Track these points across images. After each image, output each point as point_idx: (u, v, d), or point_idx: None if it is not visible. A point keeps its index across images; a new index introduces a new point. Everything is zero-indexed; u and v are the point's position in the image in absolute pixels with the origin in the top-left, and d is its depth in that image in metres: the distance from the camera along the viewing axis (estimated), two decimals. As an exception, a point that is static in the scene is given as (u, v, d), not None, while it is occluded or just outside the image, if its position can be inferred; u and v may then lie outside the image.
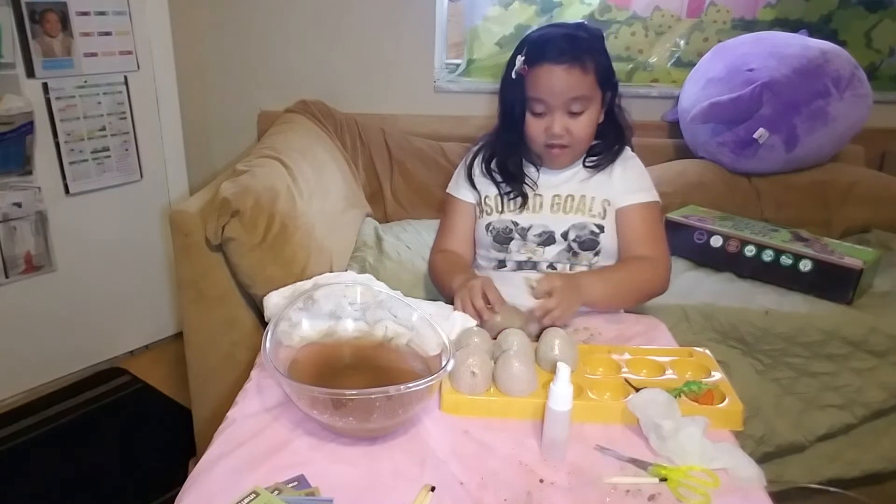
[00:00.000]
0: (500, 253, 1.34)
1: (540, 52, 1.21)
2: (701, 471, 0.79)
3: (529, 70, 1.21)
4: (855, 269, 1.53)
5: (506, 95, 1.28)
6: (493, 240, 1.34)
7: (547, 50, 1.20)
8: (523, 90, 1.23)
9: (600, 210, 1.30)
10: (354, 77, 2.30)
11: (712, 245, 1.72)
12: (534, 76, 1.21)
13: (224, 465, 0.77)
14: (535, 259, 1.32)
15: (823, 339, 1.49)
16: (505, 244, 1.33)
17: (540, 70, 1.20)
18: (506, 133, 1.32)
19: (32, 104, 1.83)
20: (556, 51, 1.19)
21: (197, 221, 1.38)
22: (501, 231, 1.33)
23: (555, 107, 1.22)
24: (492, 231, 1.34)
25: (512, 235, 1.32)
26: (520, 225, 1.32)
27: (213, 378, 1.50)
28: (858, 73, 1.96)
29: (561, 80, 1.20)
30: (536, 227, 1.31)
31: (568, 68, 1.19)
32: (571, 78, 1.20)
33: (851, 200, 2.03)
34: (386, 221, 2.10)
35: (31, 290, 1.97)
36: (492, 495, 0.75)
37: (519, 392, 0.90)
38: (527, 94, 1.23)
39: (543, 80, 1.20)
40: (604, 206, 1.30)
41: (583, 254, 1.30)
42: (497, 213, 1.34)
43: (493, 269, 1.35)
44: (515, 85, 1.24)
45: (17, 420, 1.92)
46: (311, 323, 0.97)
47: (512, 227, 1.33)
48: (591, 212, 1.30)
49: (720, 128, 2.00)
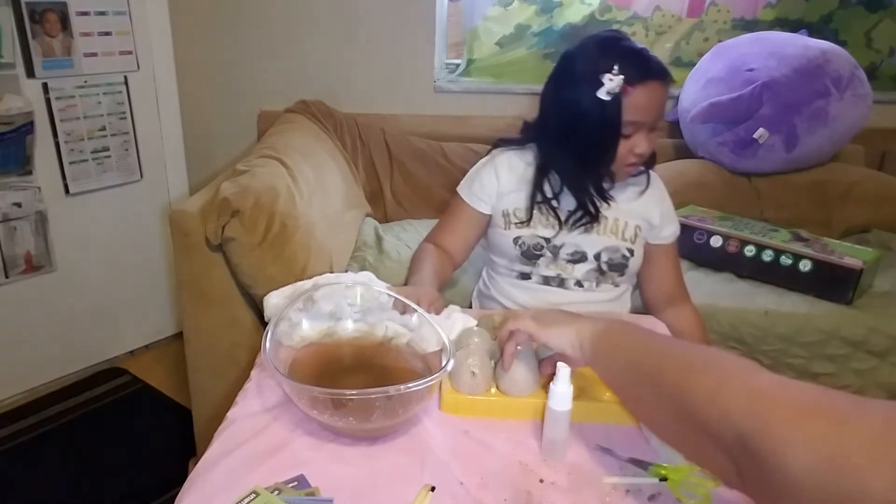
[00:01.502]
0: (527, 267, 1.31)
1: (642, 68, 1.12)
2: (701, 471, 0.79)
3: (631, 89, 1.11)
4: (855, 269, 1.53)
5: (590, 117, 1.14)
6: (520, 254, 1.29)
7: (650, 66, 1.13)
8: (618, 111, 1.12)
9: (632, 234, 1.28)
10: (354, 77, 2.30)
11: (712, 245, 1.72)
12: (634, 96, 1.12)
13: (224, 465, 0.77)
14: (564, 276, 1.30)
15: (823, 340, 1.49)
16: (533, 259, 1.29)
17: (642, 88, 1.12)
18: (589, 155, 1.20)
19: (32, 104, 1.83)
20: (657, 66, 1.13)
21: (197, 221, 1.38)
22: (532, 247, 1.28)
23: (645, 125, 1.16)
24: (521, 245, 1.28)
25: (542, 252, 1.28)
26: (552, 243, 1.27)
27: (213, 378, 1.50)
28: (858, 73, 1.96)
29: (661, 96, 1.15)
30: (569, 245, 1.28)
31: (664, 84, 1.14)
32: (666, 94, 1.16)
33: (851, 200, 2.03)
34: (386, 221, 2.10)
35: (31, 290, 1.97)
36: (492, 495, 0.75)
37: (518, 392, 0.90)
38: (622, 115, 1.13)
39: (644, 100, 1.12)
40: (636, 231, 1.28)
41: (610, 273, 1.29)
42: (527, 227, 1.28)
43: (515, 278, 1.33)
44: (608, 106, 1.12)
45: (17, 420, 1.92)
46: (311, 323, 0.97)
47: (543, 243, 1.28)
48: (623, 236, 1.28)
49: (720, 128, 2.00)
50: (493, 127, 2.24)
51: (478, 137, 2.20)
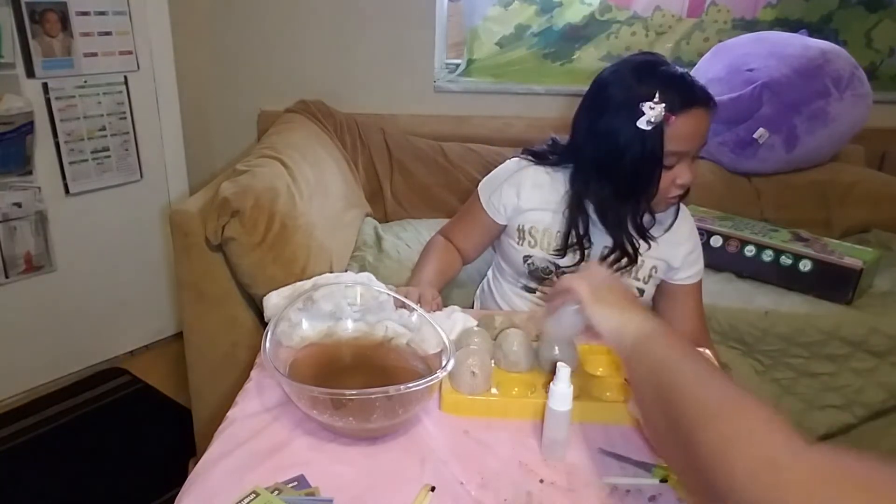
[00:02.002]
0: (532, 282, 1.29)
1: (685, 96, 1.04)
2: None
3: (673, 118, 1.04)
4: (855, 269, 1.53)
5: (629, 149, 1.06)
6: (528, 272, 1.26)
7: (691, 92, 1.05)
8: (660, 141, 1.04)
9: (646, 275, 1.22)
10: (354, 77, 2.30)
11: (712, 245, 1.72)
12: (677, 125, 1.04)
13: (224, 465, 0.77)
14: None
15: (823, 340, 1.49)
16: (540, 281, 1.26)
17: (686, 117, 1.04)
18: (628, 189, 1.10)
19: (32, 104, 1.83)
20: (701, 92, 1.06)
21: (197, 221, 1.38)
22: (541, 269, 1.24)
23: (688, 154, 1.08)
24: (530, 265, 1.25)
25: (550, 276, 1.24)
26: (562, 269, 1.23)
27: (213, 378, 1.50)
28: (858, 73, 1.96)
29: (705, 124, 1.07)
30: None
31: (709, 110, 1.07)
32: (710, 121, 1.08)
33: (851, 200, 2.03)
34: (386, 221, 2.10)
35: (31, 290, 1.97)
36: (492, 495, 0.75)
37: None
38: (664, 146, 1.05)
39: (687, 129, 1.05)
40: (651, 271, 1.22)
41: None
42: (541, 248, 1.22)
43: (519, 288, 1.31)
44: (649, 136, 1.04)
45: (17, 420, 1.92)
46: (310, 323, 0.97)
47: (553, 269, 1.23)
48: (637, 275, 1.22)
49: (720, 128, 2.00)
50: (493, 127, 2.24)
51: (478, 137, 2.20)
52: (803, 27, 2.21)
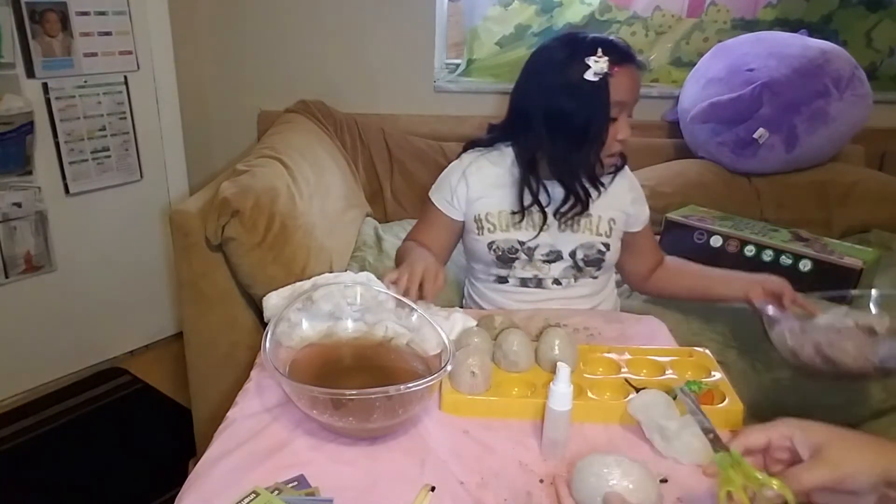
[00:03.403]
0: (503, 270, 1.32)
1: (621, 52, 1.16)
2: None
3: (616, 69, 1.14)
4: (855, 269, 1.53)
5: (577, 102, 1.15)
6: (496, 258, 1.30)
7: (627, 50, 1.17)
8: (606, 90, 1.14)
9: (606, 229, 1.30)
10: (354, 77, 2.30)
11: (712, 245, 1.72)
12: (619, 76, 1.14)
13: (224, 465, 0.77)
14: (541, 276, 1.31)
15: (823, 339, 1.49)
16: (508, 263, 1.30)
17: (624, 70, 1.15)
18: (579, 142, 1.18)
19: (32, 104, 1.83)
20: (630, 52, 1.18)
21: (197, 221, 1.38)
22: (506, 251, 1.29)
23: (627, 108, 1.19)
24: (495, 250, 1.29)
25: (517, 255, 1.29)
26: (526, 245, 1.28)
27: (213, 378, 1.50)
28: (858, 73, 1.96)
29: (637, 81, 1.19)
30: (543, 246, 1.28)
31: (639, 68, 1.19)
32: (640, 78, 1.20)
33: (851, 200, 2.03)
34: (386, 221, 2.10)
35: (31, 290, 1.97)
36: (492, 495, 0.75)
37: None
38: (610, 95, 1.15)
39: (627, 81, 1.16)
40: (609, 224, 1.30)
41: (587, 269, 1.31)
42: (501, 230, 1.28)
43: (493, 282, 1.34)
44: (597, 88, 1.13)
45: (17, 420, 1.92)
46: (310, 323, 0.97)
47: (518, 246, 1.28)
48: (597, 231, 1.29)
49: (720, 128, 2.00)
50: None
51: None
52: (803, 27, 2.21)
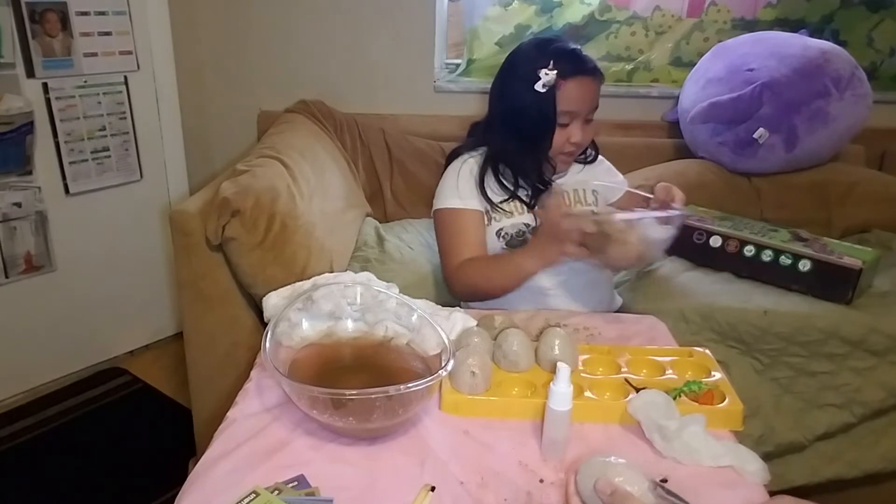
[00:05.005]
0: None
1: (573, 64, 1.25)
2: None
3: (563, 83, 1.25)
4: (854, 269, 1.53)
5: (529, 109, 1.28)
6: (505, 244, 1.36)
7: (580, 62, 1.26)
8: (552, 102, 1.26)
9: (593, 199, 1.43)
10: (354, 77, 2.30)
11: (711, 245, 1.72)
12: (566, 89, 1.26)
13: (224, 465, 0.78)
14: None
15: (822, 339, 1.49)
16: (517, 247, 1.35)
17: (573, 82, 1.25)
18: (529, 145, 1.33)
19: (32, 104, 1.83)
20: (587, 63, 1.27)
21: (197, 221, 1.38)
22: (514, 235, 1.36)
23: (579, 116, 1.29)
24: (504, 236, 1.36)
25: (525, 237, 1.36)
26: (531, 225, 1.36)
27: (213, 378, 1.50)
28: (858, 73, 1.96)
29: (591, 90, 1.29)
30: None
31: (595, 79, 1.29)
32: (596, 89, 1.30)
33: (851, 200, 2.03)
34: (386, 221, 2.10)
35: (31, 290, 1.97)
36: (492, 495, 0.75)
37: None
38: (557, 106, 1.26)
39: (575, 93, 1.26)
40: (595, 195, 1.44)
41: None
42: (507, 217, 1.37)
43: None
44: (544, 99, 1.26)
45: (17, 420, 1.92)
46: (310, 323, 0.97)
47: (524, 228, 1.36)
48: (586, 202, 1.42)
49: (720, 128, 2.00)
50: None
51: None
52: (804, 27, 2.21)
